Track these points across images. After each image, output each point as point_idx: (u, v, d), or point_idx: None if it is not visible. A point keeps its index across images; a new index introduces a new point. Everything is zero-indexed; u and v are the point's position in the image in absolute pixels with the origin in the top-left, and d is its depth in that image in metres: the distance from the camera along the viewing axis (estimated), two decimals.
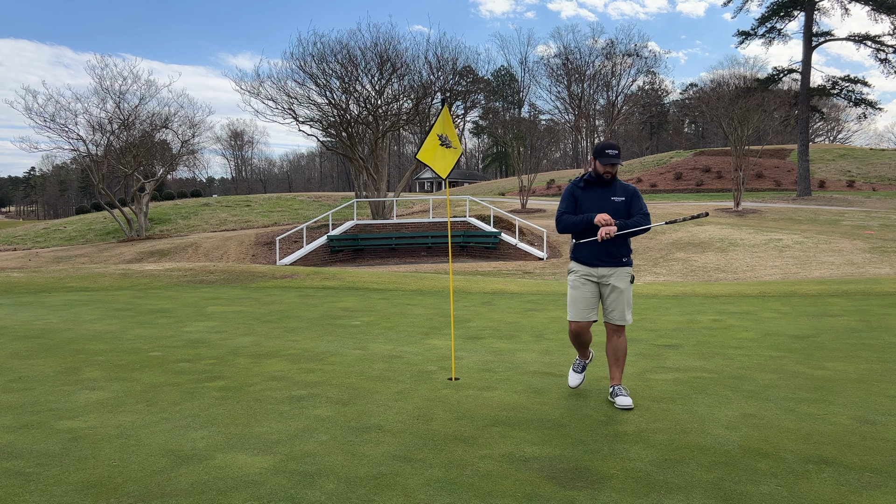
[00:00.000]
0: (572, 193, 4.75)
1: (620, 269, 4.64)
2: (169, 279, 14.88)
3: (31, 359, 6.43)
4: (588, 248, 4.64)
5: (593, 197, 4.66)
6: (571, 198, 4.74)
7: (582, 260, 4.70)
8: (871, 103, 42.79)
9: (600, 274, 4.64)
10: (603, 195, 4.65)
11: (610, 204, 4.62)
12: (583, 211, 4.65)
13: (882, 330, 7.52)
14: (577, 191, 4.74)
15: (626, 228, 4.55)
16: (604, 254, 4.61)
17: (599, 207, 4.60)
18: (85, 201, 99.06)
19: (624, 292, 4.62)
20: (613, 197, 4.64)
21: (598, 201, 4.63)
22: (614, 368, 4.69)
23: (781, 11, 43.41)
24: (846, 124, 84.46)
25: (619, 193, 4.66)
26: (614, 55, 30.84)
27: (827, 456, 3.61)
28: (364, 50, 32.75)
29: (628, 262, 4.69)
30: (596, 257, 4.62)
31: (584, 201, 4.68)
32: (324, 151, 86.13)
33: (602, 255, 4.61)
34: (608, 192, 4.66)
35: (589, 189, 4.70)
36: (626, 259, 4.68)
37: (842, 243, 21.70)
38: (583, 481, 3.32)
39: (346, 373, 5.74)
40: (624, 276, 4.65)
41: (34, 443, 3.94)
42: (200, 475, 3.42)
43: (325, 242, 27.56)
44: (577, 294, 4.67)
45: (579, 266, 4.71)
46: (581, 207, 4.67)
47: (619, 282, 4.62)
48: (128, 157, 36.85)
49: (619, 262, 4.64)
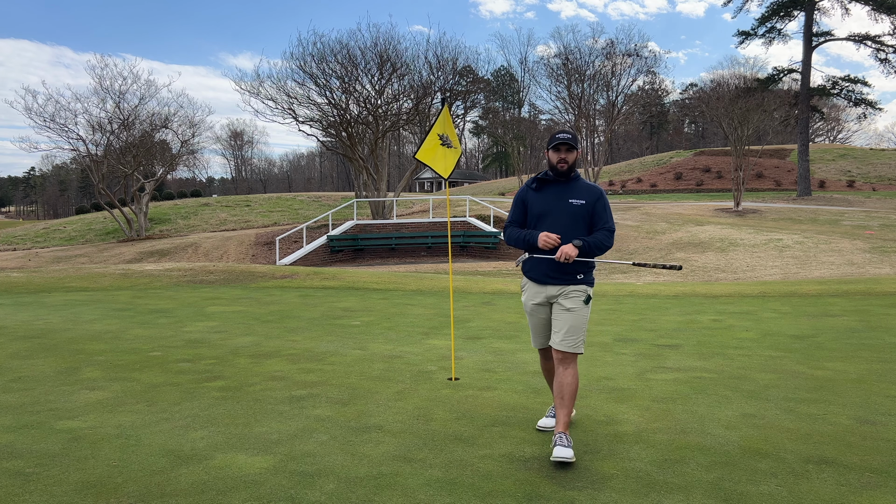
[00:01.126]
0: (522, 198, 3.98)
1: (573, 288, 3.82)
2: (169, 279, 14.88)
3: (31, 359, 6.43)
4: (536, 261, 3.90)
5: (547, 199, 3.86)
6: (521, 203, 3.98)
7: (530, 275, 3.94)
8: (871, 103, 42.80)
9: (549, 293, 3.86)
10: (559, 196, 3.85)
11: (567, 208, 3.81)
12: (533, 217, 3.88)
13: (882, 330, 7.52)
14: (528, 194, 3.96)
15: (589, 252, 3.77)
16: (553, 269, 3.83)
17: (554, 212, 3.82)
18: (85, 201, 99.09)
19: (574, 314, 3.78)
20: (573, 199, 3.82)
21: (552, 204, 3.83)
22: (558, 409, 3.78)
23: (781, 11, 43.42)
24: (846, 124, 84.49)
25: (580, 194, 3.84)
26: (614, 55, 30.86)
27: (827, 456, 3.61)
28: (364, 50, 32.76)
29: (586, 280, 3.87)
30: (544, 273, 3.86)
31: (535, 205, 3.88)
32: (324, 151, 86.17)
33: (551, 270, 3.83)
34: (566, 193, 3.85)
35: (543, 190, 3.90)
36: (584, 276, 3.86)
37: (842, 243, 21.70)
38: (583, 481, 3.32)
39: (346, 373, 5.74)
40: (576, 295, 3.81)
41: (34, 443, 3.94)
42: (200, 475, 3.42)
43: (325, 242, 27.56)
44: (531, 320, 4.03)
45: (528, 283, 3.98)
46: (532, 213, 3.90)
47: (568, 301, 3.80)
48: (128, 156, 36.86)
49: (573, 280, 3.82)
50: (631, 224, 28.12)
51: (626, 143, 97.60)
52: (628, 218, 30.28)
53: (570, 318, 3.79)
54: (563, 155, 3.81)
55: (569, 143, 3.78)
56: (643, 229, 26.69)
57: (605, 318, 8.92)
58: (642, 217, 30.47)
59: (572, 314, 3.79)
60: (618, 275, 18.74)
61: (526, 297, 4.00)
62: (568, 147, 3.80)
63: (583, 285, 3.84)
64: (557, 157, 3.82)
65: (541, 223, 3.85)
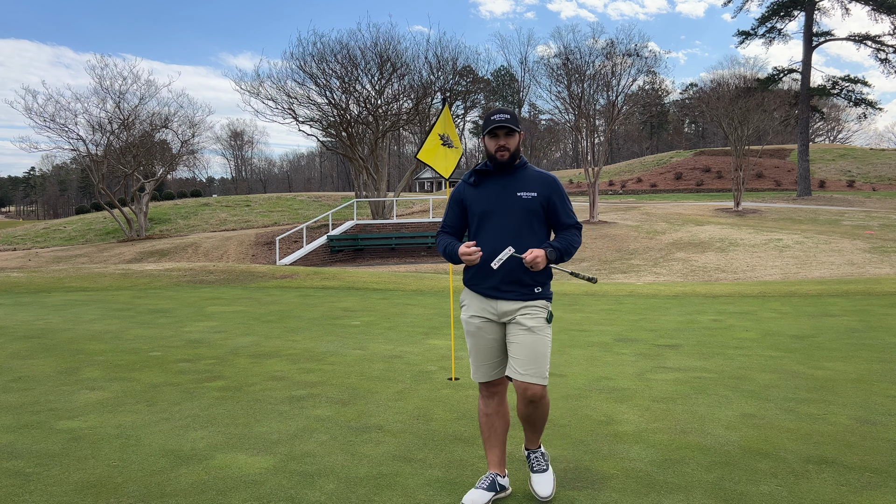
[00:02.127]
0: (458, 196, 3.23)
1: (532, 304, 3.07)
2: (169, 279, 14.88)
3: (31, 359, 6.43)
4: (481, 269, 3.09)
5: (489, 195, 3.11)
6: (457, 204, 3.23)
7: (475, 287, 3.15)
8: (871, 103, 42.81)
9: (501, 310, 3.08)
10: (503, 190, 3.09)
11: (515, 203, 3.06)
12: (475, 218, 3.14)
13: (882, 330, 7.52)
14: (465, 190, 3.20)
15: (559, 260, 3.07)
16: (507, 279, 3.04)
17: (500, 210, 3.07)
18: (85, 201, 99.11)
19: (538, 335, 3.02)
20: (522, 192, 3.08)
21: (495, 200, 3.09)
22: (529, 432, 3.25)
23: (781, 11, 43.43)
24: (846, 124, 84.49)
25: (529, 186, 3.09)
26: (614, 55, 30.84)
27: (827, 456, 3.61)
28: (364, 50, 32.77)
29: (545, 294, 3.11)
30: (494, 286, 3.07)
31: (475, 204, 3.13)
32: (324, 151, 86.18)
33: (504, 281, 3.05)
34: (512, 185, 3.09)
35: (483, 184, 3.15)
36: (542, 289, 3.10)
37: (842, 243, 21.70)
38: (583, 481, 3.32)
39: (346, 373, 5.74)
40: (537, 312, 3.06)
41: (34, 443, 3.94)
42: (200, 475, 3.42)
43: (325, 242, 27.57)
44: (475, 343, 3.17)
45: (472, 297, 3.17)
46: (472, 213, 3.15)
47: (529, 319, 3.04)
48: (128, 156, 36.87)
49: (530, 294, 3.07)
50: (631, 224, 28.12)
51: (626, 143, 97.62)
52: (628, 218, 30.28)
53: (532, 341, 3.01)
54: (501, 141, 3.05)
55: (506, 125, 3.02)
56: (643, 229, 26.69)
57: (606, 318, 8.92)
58: (642, 217, 30.47)
59: (535, 336, 3.01)
60: (618, 274, 18.75)
61: (468, 314, 3.18)
62: (507, 131, 3.04)
63: (542, 300, 3.10)
64: (495, 145, 3.07)
65: (484, 225, 3.10)
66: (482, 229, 3.11)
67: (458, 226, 3.25)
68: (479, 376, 3.21)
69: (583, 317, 9.04)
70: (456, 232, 3.26)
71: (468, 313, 3.19)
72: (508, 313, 3.09)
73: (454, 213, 3.24)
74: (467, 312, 3.20)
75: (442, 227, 3.28)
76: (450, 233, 3.25)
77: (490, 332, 3.14)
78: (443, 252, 3.20)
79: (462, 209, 3.22)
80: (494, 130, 3.07)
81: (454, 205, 3.25)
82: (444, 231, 3.27)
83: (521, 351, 3.02)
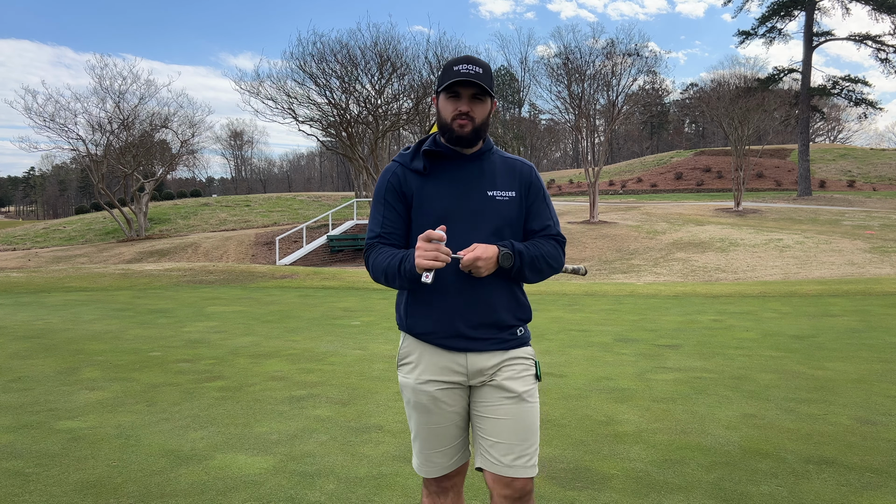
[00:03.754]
0: (397, 188, 2.07)
1: (515, 354, 2.08)
2: (168, 279, 14.88)
3: (30, 359, 6.42)
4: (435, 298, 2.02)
5: (447, 189, 2.04)
6: (397, 200, 2.07)
7: (427, 334, 2.05)
8: (871, 103, 42.80)
9: (474, 368, 2.04)
10: (467, 184, 2.05)
11: (485, 207, 2.05)
12: (427, 221, 2.00)
13: (882, 330, 7.52)
14: (408, 179, 2.07)
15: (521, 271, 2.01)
16: (473, 318, 2.02)
17: (462, 214, 2.02)
18: (84, 201, 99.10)
19: (526, 402, 2.04)
20: (494, 190, 2.06)
21: (456, 198, 2.03)
22: None
23: (782, 11, 43.41)
24: (846, 124, 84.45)
25: (503, 181, 2.09)
26: (615, 55, 30.83)
27: (827, 456, 3.61)
28: (364, 49, 32.74)
29: (526, 335, 2.13)
30: (457, 331, 2.02)
31: (429, 201, 2.04)
32: (324, 151, 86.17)
33: (471, 322, 2.02)
34: (478, 178, 2.07)
35: (436, 173, 2.06)
36: (524, 330, 2.13)
37: (842, 243, 21.70)
38: (583, 481, 3.32)
39: (346, 373, 5.73)
40: (524, 367, 2.08)
41: (34, 443, 3.94)
42: (200, 475, 3.42)
43: (325, 242, 27.56)
44: (425, 422, 2.09)
45: (422, 351, 2.08)
46: (424, 213, 2.04)
47: (516, 380, 2.05)
48: (127, 156, 36.86)
49: (512, 339, 2.08)
50: (631, 224, 28.11)
51: (626, 142, 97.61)
52: (629, 218, 30.27)
53: (522, 414, 2.03)
54: (464, 105, 1.98)
55: (475, 81, 1.95)
56: (643, 229, 26.68)
57: (606, 318, 8.92)
58: (642, 217, 30.46)
59: (525, 405, 2.04)
60: (618, 274, 18.74)
61: (417, 377, 2.08)
62: (476, 91, 1.98)
63: (526, 347, 2.12)
64: (453, 110, 1.99)
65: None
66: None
67: (402, 230, 2.07)
68: (429, 470, 2.11)
69: (583, 317, 9.03)
70: (399, 240, 2.07)
71: (418, 376, 2.07)
72: (483, 372, 2.04)
73: (396, 212, 2.06)
74: (414, 374, 2.07)
75: (375, 236, 2.07)
76: (390, 243, 2.06)
77: (452, 402, 2.06)
78: (382, 273, 1.98)
79: (406, 206, 2.06)
80: (455, 87, 1.98)
81: (394, 200, 2.06)
82: (381, 238, 2.06)
83: (505, 429, 2.01)
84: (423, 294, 2.02)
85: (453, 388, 2.06)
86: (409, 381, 2.11)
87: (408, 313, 2.08)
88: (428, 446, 2.10)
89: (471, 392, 2.10)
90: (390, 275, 1.96)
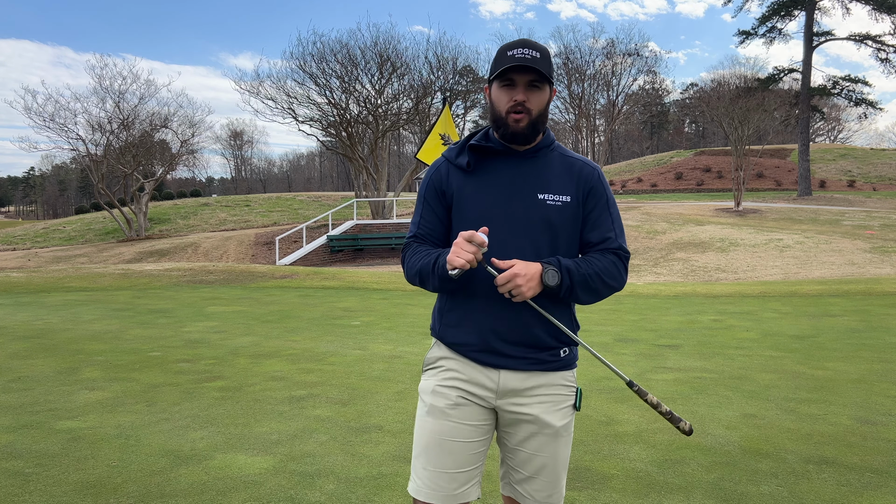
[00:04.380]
0: (439, 187, 1.93)
1: (553, 378, 1.88)
2: (168, 279, 14.88)
3: (30, 359, 6.42)
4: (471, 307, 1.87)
5: (491, 189, 1.86)
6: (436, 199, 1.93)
7: (456, 344, 1.89)
8: (871, 103, 42.79)
9: (506, 387, 1.86)
10: (515, 185, 1.86)
11: (533, 210, 1.84)
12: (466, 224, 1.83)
13: (883, 330, 7.52)
14: (450, 177, 1.91)
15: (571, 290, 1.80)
16: (508, 333, 1.84)
17: (504, 217, 1.83)
18: (84, 201, 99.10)
19: (563, 441, 1.89)
20: (546, 193, 1.85)
21: (501, 200, 1.85)
22: None
23: (782, 11, 43.40)
24: (847, 124, 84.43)
25: (559, 183, 1.87)
26: (615, 55, 30.87)
27: (827, 456, 3.61)
28: (364, 49, 32.78)
29: (571, 356, 1.92)
30: (488, 347, 1.85)
31: (468, 201, 1.87)
32: (324, 151, 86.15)
33: (502, 333, 1.84)
34: (530, 178, 1.86)
35: (482, 170, 1.89)
36: (569, 351, 1.91)
37: (842, 243, 21.70)
38: (583, 481, 3.31)
39: (346, 373, 5.73)
40: (564, 397, 1.90)
41: (34, 443, 3.94)
42: (200, 475, 3.42)
43: (325, 242, 27.56)
44: (438, 429, 1.86)
45: (449, 358, 1.91)
46: (463, 218, 1.87)
47: (553, 413, 1.87)
48: (127, 156, 36.87)
49: (554, 360, 1.88)
50: (631, 224, 28.11)
51: (626, 142, 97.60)
52: (629, 218, 30.27)
53: (559, 452, 1.87)
54: (520, 95, 1.80)
55: (534, 67, 1.77)
56: (644, 229, 26.68)
57: (606, 318, 8.92)
58: (643, 217, 30.46)
59: (562, 442, 1.88)
60: None
61: (445, 381, 1.89)
62: (534, 77, 1.79)
63: (569, 371, 1.92)
64: (509, 100, 1.81)
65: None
66: None
67: (440, 231, 1.93)
68: (430, 493, 1.82)
69: (583, 317, 9.02)
70: (437, 241, 1.93)
71: (445, 379, 1.88)
72: (514, 393, 1.85)
73: (434, 212, 1.93)
74: (443, 378, 1.89)
75: (413, 234, 1.96)
76: (427, 241, 1.93)
77: (473, 419, 1.85)
78: (417, 273, 1.86)
79: (445, 206, 1.92)
80: (510, 74, 1.79)
81: (433, 198, 1.93)
82: (417, 239, 1.94)
83: (540, 465, 1.85)
84: (460, 301, 1.88)
85: (478, 405, 1.87)
86: (430, 382, 1.91)
87: (442, 320, 1.94)
88: (434, 463, 1.82)
89: (499, 417, 1.90)
90: (424, 275, 1.84)
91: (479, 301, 1.84)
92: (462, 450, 1.83)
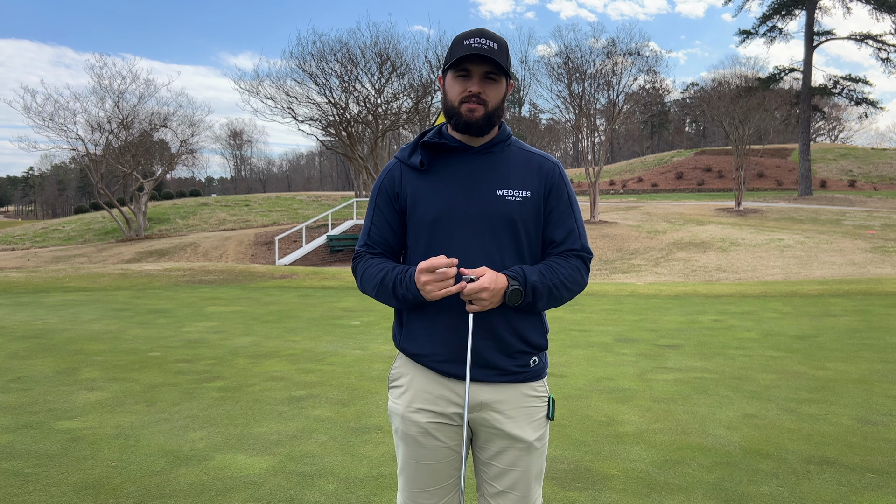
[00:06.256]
0: (391, 189, 1.85)
1: (523, 390, 1.82)
2: (168, 279, 14.87)
3: (29, 359, 6.41)
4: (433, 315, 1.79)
5: (445, 188, 1.79)
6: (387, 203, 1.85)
7: (418, 354, 1.82)
8: (872, 102, 42.79)
9: (472, 400, 1.78)
10: (472, 181, 1.79)
11: (492, 207, 1.77)
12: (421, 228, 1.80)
13: (883, 330, 7.51)
14: (403, 178, 1.84)
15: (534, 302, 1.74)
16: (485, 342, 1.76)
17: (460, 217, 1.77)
18: (83, 201, 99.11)
19: (538, 453, 1.83)
20: (504, 189, 1.78)
21: (457, 198, 1.78)
22: None
23: (783, 10, 43.39)
24: (847, 124, 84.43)
25: (517, 178, 1.80)
26: (615, 54, 30.81)
27: (828, 456, 3.60)
28: (364, 49, 32.73)
29: (541, 365, 1.86)
30: (453, 355, 1.77)
31: (422, 203, 1.79)
32: (323, 151, 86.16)
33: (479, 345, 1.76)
34: (488, 174, 1.80)
35: (436, 168, 1.82)
36: (538, 358, 1.85)
37: (843, 243, 21.69)
38: (583, 482, 3.31)
39: (345, 373, 5.72)
40: (535, 409, 1.84)
41: (33, 443, 3.93)
42: (199, 476, 3.41)
43: (325, 242, 27.55)
44: (413, 455, 1.83)
45: (414, 374, 1.84)
46: (417, 220, 1.80)
47: (525, 426, 1.81)
48: (126, 156, 36.85)
49: (524, 370, 1.81)
50: (632, 224, 28.10)
51: (626, 142, 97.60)
52: (629, 217, 30.27)
53: (532, 465, 1.82)
54: (474, 86, 1.72)
55: (489, 57, 1.69)
56: (644, 229, 26.67)
57: (606, 318, 8.91)
58: (643, 217, 30.45)
59: (535, 455, 1.82)
60: (618, 274, 18.73)
61: (407, 404, 1.83)
62: (490, 69, 1.72)
63: (539, 381, 1.86)
64: (463, 90, 1.73)
65: (437, 242, 1.77)
66: (434, 250, 1.75)
67: (392, 240, 1.86)
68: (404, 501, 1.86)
69: (583, 317, 9.02)
70: (389, 250, 1.87)
71: (408, 403, 1.82)
72: (483, 407, 1.78)
73: (385, 218, 1.84)
74: (405, 401, 1.82)
75: (363, 245, 1.89)
76: (378, 253, 1.86)
77: (446, 439, 1.80)
78: (372, 290, 1.80)
79: (398, 212, 1.83)
80: (464, 64, 1.71)
81: (384, 204, 1.84)
82: (367, 250, 1.87)
83: (513, 480, 1.80)
84: (422, 310, 1.79)
85: (449, 424, 1.80)
86: (398, 407, 1.85)
87: (402, 330, 1.85)
88: (413, 484, 1.83)
89: (472, 430, 1.84)
90: (382, 295, 1.79)
91: (443, 310, 1.75)
92: (439, 469, 1.82)
